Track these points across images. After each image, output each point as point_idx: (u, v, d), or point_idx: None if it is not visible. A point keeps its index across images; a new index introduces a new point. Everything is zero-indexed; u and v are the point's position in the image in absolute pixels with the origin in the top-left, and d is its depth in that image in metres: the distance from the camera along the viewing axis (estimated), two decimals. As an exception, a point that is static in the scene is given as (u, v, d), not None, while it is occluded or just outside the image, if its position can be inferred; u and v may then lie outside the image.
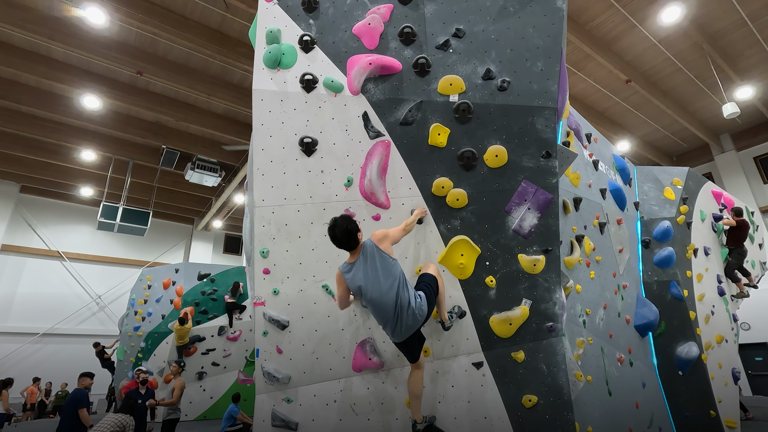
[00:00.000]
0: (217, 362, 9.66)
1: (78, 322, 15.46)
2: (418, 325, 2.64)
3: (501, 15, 3.22)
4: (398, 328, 2.58)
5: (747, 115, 12.40)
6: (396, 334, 2.62)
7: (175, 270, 10.45)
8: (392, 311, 2.54)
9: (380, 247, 2.65)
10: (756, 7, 8.86)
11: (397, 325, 2.57)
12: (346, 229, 2.61)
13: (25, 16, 8.25)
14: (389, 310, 2.54)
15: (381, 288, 2.55)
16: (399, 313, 2.54)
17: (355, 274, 2.63)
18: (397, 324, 2.57)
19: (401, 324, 2.56)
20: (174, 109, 11.17)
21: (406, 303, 2.54)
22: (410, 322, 2.56)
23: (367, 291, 2.57)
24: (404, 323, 2.56)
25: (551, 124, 3.04)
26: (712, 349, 5.49)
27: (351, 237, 2.62)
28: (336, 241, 2.66)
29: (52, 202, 15.93)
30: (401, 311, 2.54)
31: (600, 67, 10.21)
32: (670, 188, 5.91)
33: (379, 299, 2.54)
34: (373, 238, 2.69)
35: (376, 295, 2.55)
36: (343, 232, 2.61)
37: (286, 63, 3.30)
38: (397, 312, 2.54)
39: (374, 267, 2.60)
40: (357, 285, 2.63)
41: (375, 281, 2.57)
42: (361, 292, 2.61)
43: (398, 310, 2.54)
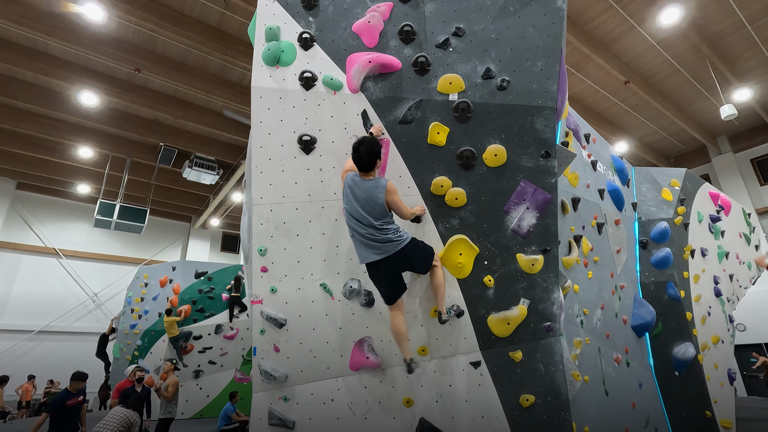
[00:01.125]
0: (214, 360, 9.65)
1: (74, 320, 15.42)
2: (392, 249, 2.75)
3: (501, 14, 3.21)
4: (384, 237, 2.74)
5: (744, 117, 12.46)
6: (380, 247, 2.75)
7: (172, 268, 10.42)
8: (362, 223, 2.75)
9: (389, 192, 2.81)
10: (755, 9, 8.89)
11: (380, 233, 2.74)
12: (372, 150, 2.81)
13: (23, 11, 8.21)
14: (359, 221, 2.76)
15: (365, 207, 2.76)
16: (366, 227, 2.75)
17: (361, 186, 2.79)
18: (380, 232, 2.74)
19: (386, 234, 2.74)
20: (172, 106, 11.13)
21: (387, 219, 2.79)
22: (391, 233, 2.76)
23: (349, 203, 2.80)
24: (378, 239, 2.74)
25: (551, 124, 3.04)
26: (709, 349, 5.51)
27: (372, 158, 2.81)
28: (357, 156, 2.81)
29: (48, 199, 15.86)
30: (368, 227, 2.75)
31: (599, 68, 10.24)
32: (668, 189, 5.92)
33: (369, 214, 2.75)
34: (389, 185, 2.84)
35: (361, 206, 2.76)
36: (368, 152, 2.79)
37: (285, 60, 3.29)
38: (365, 226, 2.75)
39: (374, 194, 2.78)
40: (353, 193, 2.79)
41: (370, 199, 2.77)
42: (354, 199, 2.78)
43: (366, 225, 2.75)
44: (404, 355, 2.83)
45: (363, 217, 2.76)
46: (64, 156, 13.14)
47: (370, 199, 2.78)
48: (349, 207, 2.82)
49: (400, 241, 2.78)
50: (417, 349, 3.04)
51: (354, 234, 2.83)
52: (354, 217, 2.80)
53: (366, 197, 2.78)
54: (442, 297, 2.89)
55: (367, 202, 2.78)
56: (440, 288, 2.89)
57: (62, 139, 12.19)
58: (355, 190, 2.82)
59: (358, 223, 2.79)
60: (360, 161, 2.82)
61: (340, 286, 3.11)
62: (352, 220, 2.82)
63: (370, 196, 2.78)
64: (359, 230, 2.79)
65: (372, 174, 2.87)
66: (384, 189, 2.80)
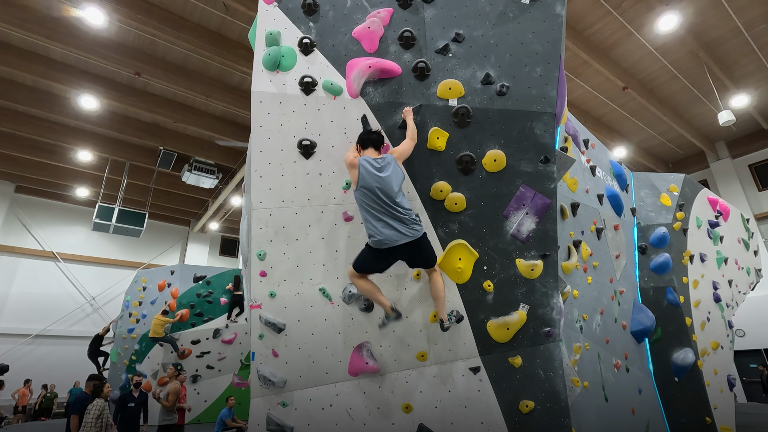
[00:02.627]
0: (212, 365, 9.60)
1: (71, 324, 15.34)
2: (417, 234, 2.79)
3: (500, 20, 3.23)
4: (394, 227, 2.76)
5: (742, 122, 12.51)
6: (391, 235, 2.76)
7: (171, 272, 10.39)
8: (394, 203, 2.79)
9: (398, 156, 2.97)
10: (752, 16, 8.96)
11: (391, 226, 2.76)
12: (381, 134, 3.08)
13: (24, 15, 8.23)
14: (390, 201, 2.79)
15: (393, 186, 2.82)
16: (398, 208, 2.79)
17: (373, 165, 2.86)
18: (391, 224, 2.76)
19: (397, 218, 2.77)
20: (172, 110, 11.14)
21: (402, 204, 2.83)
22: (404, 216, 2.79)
23: (383, 179, 2.82)
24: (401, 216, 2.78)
25: (550, 129, 3.05)
26: (708, 355, 5.50)
27: (381, 140, 3.05)
28: (369, 137, 3.02)
29: (47, 202, 15.83)
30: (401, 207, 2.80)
31: (597, 74, 10.29)
32: (667, 195, 5.94)
33: (389, 189, 2.80)
34: (393, 154, 2.97)
35: (387, 184, 2.81)
36: (379, 135, 3.05)
37: (285, 65, 3.30)
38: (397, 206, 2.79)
39: (392, 169, 2.87)
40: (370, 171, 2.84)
41: (391, 177, 2.84)
42: (375, 175, 2.83)
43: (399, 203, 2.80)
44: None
45: (387, 195, 2.79)
46: (63, 159, 13.13)
47: (394, 172, 2.86)
48: (373, 183, 2.81)
49: (422, 227, 2.85)
50: (416, 354, 3.03)
51: (376, 213, 2.79)
52: (378, 193, 2.79)
53: (389, 173, 2.84)
54: (442, 304, 2.89)
55: (392, 176, 2.84)
56: (440, 294, 2.88)
57: (61, 143, 12.18)
58: (375, 166, 2.86)
59: (382, 200, 2.78)
60: (372, 141, 3.00)
61: (339, 290, 3.10)
62: (375, 200, 2.80)
63: (392, 172, 2.85)
64: (384, 208, 2.78)
65: (380, 152, 3.01)
66: (394, 160, 2.92)
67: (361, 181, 2.83)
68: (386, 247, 2.76)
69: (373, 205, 2.79)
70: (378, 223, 2.77)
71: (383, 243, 2.75)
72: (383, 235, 2.75)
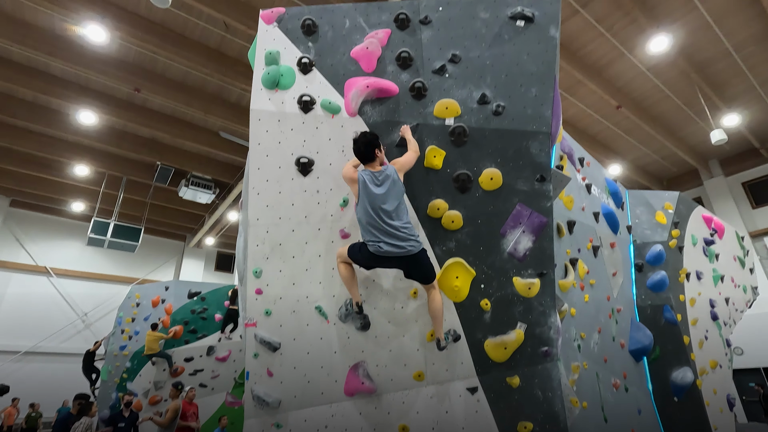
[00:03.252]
0: (205, 383, 9.41)
1: (62, 341, 15.07)
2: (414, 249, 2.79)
3: (496, 42, 3.30)
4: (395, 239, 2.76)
5: (734, 141, 12.70)
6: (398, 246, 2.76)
7: (165, 288, 10.27)
8: (392, 218, 2.79)
9: (399, 168, 2.94)
10: (740, 38, 9.19)
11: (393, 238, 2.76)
12: (367, 138, 2.95)
13: (26, 32, 8.33)
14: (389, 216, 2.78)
15: (393, 200, 2.82)
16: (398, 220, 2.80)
17: (372, 179, 2.85)
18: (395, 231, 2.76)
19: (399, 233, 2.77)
20: (170, 125, 11.20)
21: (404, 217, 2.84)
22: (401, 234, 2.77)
23: (380, 195, 2.80)
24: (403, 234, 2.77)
25: (545, 148, 3.08)
26: (707, 374, 5.45)
27: (369, 147, 2.92)
28: (356, 147, 2.95)
29: (42, 216, 15.74)
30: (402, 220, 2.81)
31: (591, 93, 10.46)
32: (662, 212, 5.97)
33: (388, 204, 2.80)
34: (394, 165, 2.95)
35: (386, 200, 2.80)
36: (364, 140, 2.93)
37: (284, 84, 3.34)
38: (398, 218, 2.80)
39: (391, 183, 2.85)
40: (368, 186, 2.83)
41: (389, 192, 2.82)
42: (372, 192, 2.81)
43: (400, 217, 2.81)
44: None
45: (384, 211, 2.78)
46: (59, 174, 13.12)
47: (393, 186, 2.83)
48: (369, 200, 2.81)
49: (419, 243, 2.83)
50: (413, 374, 2.99)
51: (372, 229, 2.79)
52: (374, 210, 2.79)
53: (388, 190, 2.81)
54: (440, 323, 2.87)
55: (389, 191, 2.81)
56: (438, 313, 2.87)
57: (58, 157, 12.19)
58: (374, 181, 2.85)
59: (380, 216, 2.78)
60: (359, 152, 2.94)
61: (336, 309, 3.08)
62: (372, 216, 2.79)
63: (390, 186, 2.83)
64: (379, 224, 2.77)
65: (376, 164, 2.94)
66: (395, 172, 2.90)
67: (360, 194, 2.86)
68: (381, 255, 2.78)
69: (370, 220, 2.80)
70: (374, 237, 2.79)
71: (379, 251, 2.78)
72: (377, 247, 2.77)
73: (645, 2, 8.32)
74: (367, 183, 2.83)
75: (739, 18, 8.69)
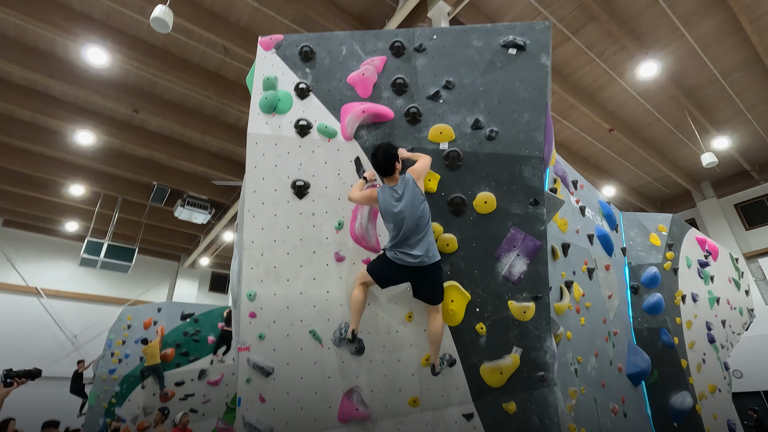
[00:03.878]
0: (196, 408, 9.17)
1: (50, 363, 14.66)
2: (429, 261, 2.82)
3: (489, 69, 3.38)
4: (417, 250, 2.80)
5: (725, 164, 12.90)
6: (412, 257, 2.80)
7: (158, 309, 10.13)
8: (416, 229, 2.83)
9: (416, 176, 2.95)
10: (727, 65, 9.46)
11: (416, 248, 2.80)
12: (387, 152, 2.95)
13: (27, 54, 8.44)
14: (413, 228, 2.82)
15: (414, 211, 2.84)
16: (419, 233, 2.83)
17: (392, 195, 2.89)
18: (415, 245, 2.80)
19: (420, 248, 2.81)
20: (168, 146, 11.26)
21: (425, 228, 2.87)
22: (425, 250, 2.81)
23: (402, 211, 2.84)
24: (423, 249, 2.81)
25: (538, 172, 3.12)
26: (706, 399, 5.39)
27: (389, 160, 2.94)
28: (375, 161, 2.98)
29: (34, 236, 15.56)
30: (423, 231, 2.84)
31: (584, 116, 10.66)
32: (656, 234, 6.01)
33: (409, 217, 2.83)
34: (411, 174, 2.97)
35: (407, 214, 2.83)
36: (384, 155, 2.94)
37: (281, 108, 3.39)
38: (418, 231, 2.83)
39: (410, 195, 2.87)
40: (388, 204, 2.87)
41: (409, 204, 2.85)
42: (391, 210, 2.86)
43: (421, 229, 2.84)
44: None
45: (405, 224, 2.82)
46: (54, 193, 13.07)
47: (412, 197, 2.85)
48: (392, 216, 2.86)
49: (435, 256, 2.85)
50: (408, 400, 2.95)
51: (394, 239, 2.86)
52: (396, 224, 2.84)
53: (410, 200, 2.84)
54: (437, 348, 2.85)
55: (409, 203, 2.84)
56: (437, 338, 2.85)
57: (54, 177, 12.16)
58: (393, 196, 2.89)
59: (401, 228, 2.82)
60: (378, 165, 2.97)
61: (330, 333, 3.05)
62: (393, 228, 2.86)
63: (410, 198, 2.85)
64: (402, 235, 2.82)
65: (395, 178, 2.97)
66: (414, 182, 2.91)
67: (383, 212, 2.93)
68: (398, 263, 2.82)
69: (392, 232, 2.88)
70: (401, 245, 2.84)
71: (395, 258, 2.83)
72: (393, 253, 2.84)
73: (634, 30, 8.58)
74: (387, 201, 2.89)
75: (725, 45, 8.97)
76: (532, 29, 3.45)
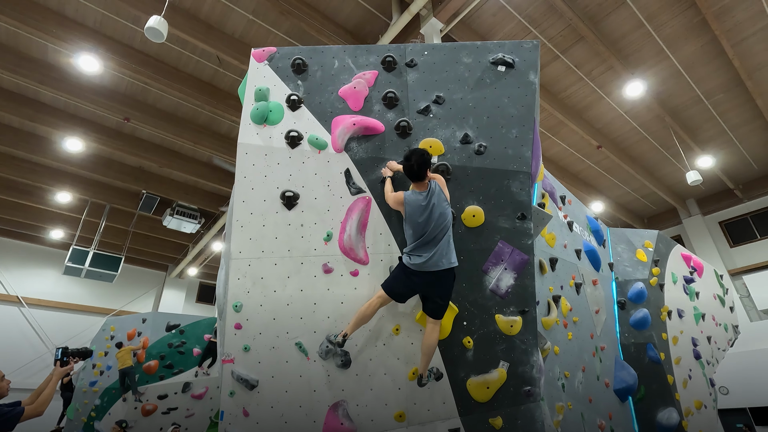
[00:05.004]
0: (178, 423, 8.94)
1: (28, 375, 14.25)
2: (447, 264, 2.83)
3: (478, 85, 3.44)
4: (436, 255, 2.81)
5: (709, 182, 13.18)
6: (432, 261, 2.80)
7: (143, 320, 9.92)
8: (439, 233, 2.85)
9: (442, 185, 3.00)
10: (710, 87, 9.75)
11: (436, 252, 2.81)
12: (422, 158, 2.95)
13: (18, 60, 8.39)
14: (437, 231, 2.84)
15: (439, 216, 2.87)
16: (442, 236, 2.85)
17: (420, 199, 2.91)
18: (436, 250, 2.81)
19: (440, 252, 2.82)
20: (158, 155, 11.19)
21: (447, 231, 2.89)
22: (445, 254, 2.84)
23: (428, 219, 2.86)
24: (443, 253, 2.83)
25: (526, 187, 3.17)
26: (692, 415, 5.41)
27: (422, 167, 2.94)
28: (409, 166, 2.96)
29: (17, 243, 15.23)
30: (445, 234, 2.86)
31: (572, 133, 10.85)
32: (642, 250, 6.10)
33: (435, 221, 2.85)
34: (439, 182, 3.02)
35: (434, 217, 2.86)
36: (419, 160, 2.94)
37: (272, 120, 3.40)
38: (442, 239, 2.84)
39: (437, 199, 2.90)
40: (416, 207, 2.89)
41: (436, 208, 2.88)
42: (419, 213, 2.88)
43: (444, 232, 2.86)
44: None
45: (434, 227, 2.84)
46: (40, 200, 12.86)
47: (438, 203, 2.88)
48: (419, 220, 2.87)
49: (455, 261, 2.86)
50: (395, 414, 2.91)
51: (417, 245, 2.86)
52: (422, 228, 2.85)
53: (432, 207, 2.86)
54: (429, 360, 2.83)
55: (435, 209, 2.86)
56: (431, 350, 2.83)
57: (41, 184, 11.98)
58: (421, 201, 2.90)
59: (424, 232, 2.84)
60: (411, 170, 2.96)
61: (317, 345, 3.01)
62: (421, 233, 2.86)
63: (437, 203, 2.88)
64: (425, 241, 2.84)
65: (425, 184, 2.99)
66: (440, 187, 2.95)
67: (408, 216, 2.93)
68: (422, 270, 2.80)
69: (416, 235, 2.88)
70: (421, 249, 2.84)
71: (419, 266, 2.80)
72: (422, 259, 2.81)
73: (620, 51, 8.82)
74: (415, 204, 2.91)
75: (708, 68, 9.25)
76: (521, 47, 3.54)
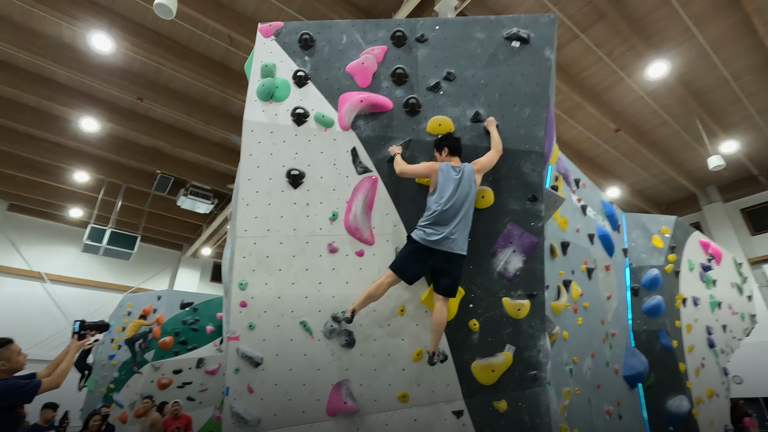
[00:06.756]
0: (193, 397, 9.20)
1: (50, 348, 14.78)
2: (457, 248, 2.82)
3: (491, 62, 3.32)
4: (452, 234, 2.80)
5: (732, 168, 12.72)
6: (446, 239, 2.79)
7: (158, 297, 10.17)
8: (459, 211, 2.85)
9: (476, 177, 2.98)
10: (738, 67, 9.29)
11: (451, 231, 2.80)
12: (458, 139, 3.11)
13: (33, 39, 8.43)
14: (458, 209, 2.85)
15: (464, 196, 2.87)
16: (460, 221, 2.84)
17: (452, 176, 2.91)
18: (452, 228, 2.80)
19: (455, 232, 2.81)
20: (172, 135, 11.26)
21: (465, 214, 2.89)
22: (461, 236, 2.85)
23: (455, 193, 2.87)
24: (458, 236, 2.82)
25: (538, 168, 3.07)
26: (703, 403, 5.34)
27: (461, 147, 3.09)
28: (455, 141, 3.08)
29: (38, 221, 15.66)
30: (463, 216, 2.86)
31: (590, 116, 10.52)
32: (658, 236, 5.94)
33: (459, 198, 2.86)
34: (474, 165, 3.00)
35: (458, 194, 2.86)
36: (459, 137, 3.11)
37: (279, 96, 3.35)
38: (461, 219, 2.85)
39: (467, 179, 2.91)
40: (448, 178, 2.91)
41: (464, 185, 2.89)
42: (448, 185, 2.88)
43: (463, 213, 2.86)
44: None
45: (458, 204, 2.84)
46: (59, 179, 13.13)
47: (465, 184, 2.89)
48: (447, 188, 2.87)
49: (465, 249, 2.85)
50: (398, 395, 2.91)
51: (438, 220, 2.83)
52: (447, 200, 2.84)
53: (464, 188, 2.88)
54: (439, 337, 2.80)
55: (462, 187, 2.87)
56: (440, 327, 2.79)
57: (59, 163, 12.21)
58: (453, 172, 2.92)
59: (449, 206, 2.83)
60: (454, 144, 3.05)
61: (321, 324, 3.01)
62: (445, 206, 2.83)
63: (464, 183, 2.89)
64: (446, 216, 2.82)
65: (459, 161, 3.04)
66: (473, 172, 2.95)
67: (439, 185, 2.90)
68: (432, 246, 2.76)
69: (436, 207, 2.84)
70: (438, 226, 2.81)
71: (433, 243, 2.77)
72: (437, 235, 2.78)
73: (643, 29, 8.43)
74: (447, 176, 2.90)
75: (737, 48, 8.80)
76: (537, 22, 3.38)
